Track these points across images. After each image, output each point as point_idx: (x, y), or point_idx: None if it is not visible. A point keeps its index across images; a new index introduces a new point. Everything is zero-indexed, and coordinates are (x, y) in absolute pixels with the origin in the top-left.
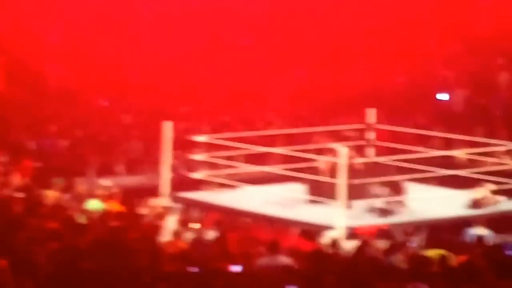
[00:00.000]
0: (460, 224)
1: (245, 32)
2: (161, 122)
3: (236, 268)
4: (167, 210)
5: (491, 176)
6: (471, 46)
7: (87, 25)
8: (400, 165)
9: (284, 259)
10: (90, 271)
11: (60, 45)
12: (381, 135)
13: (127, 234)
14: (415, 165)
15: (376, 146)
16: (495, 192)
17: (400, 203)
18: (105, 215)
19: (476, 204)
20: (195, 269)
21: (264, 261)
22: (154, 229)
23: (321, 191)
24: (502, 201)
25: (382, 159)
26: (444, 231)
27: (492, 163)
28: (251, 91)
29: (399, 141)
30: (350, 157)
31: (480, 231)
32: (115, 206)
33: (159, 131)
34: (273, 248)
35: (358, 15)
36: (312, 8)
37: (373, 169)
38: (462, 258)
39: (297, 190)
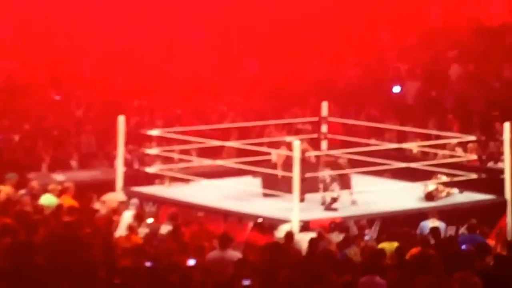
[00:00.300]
0: (414, 216)
1: (198, 26)
2: (114, 116)
3: (191, 262)
4: (121, 205)
5: (443, 168)
6: (424, 39)
7: (37, 19)
8: (353, 157)
9: (234, 253)
10: (44, 266)
11: (10, 39)
12: (334, 128)
13: (81, 229)
14: (368, 158)
15: (329, 139)
16: (447, 184)
17: (352, 195)
18: (58, 210)
19: (429, 196)
20: (150, 263)
21: (214, 254)
22: (109, 223)
23: (275, 184)
24: (454, 193)
25: (335, 152)
26: (397, 224)
27: (444, 156)
28: (204, 85)
29: (352, 134)
30: (304, 150)
31: (433, 223)
32: (69, 201)
33: (112, 125)
34: (225, 242)
35: (311, 8)
36: (264, 1)
37: (326, 162)
38: (416, 250)
39: (251, 184)
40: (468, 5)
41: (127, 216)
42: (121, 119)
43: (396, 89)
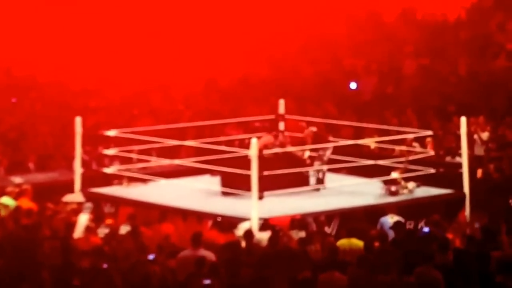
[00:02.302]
0: (374, 212)
1: (153, 24)
2: (71, 117)
3: (150, 257)
4: (79, 206)
5: (401, 164)
6: (379, 35)
7: None
8: (312, 155)
9: (206, 252)
10: (2, 268)
11: None
12: (291, 126)
13: (39, 231)
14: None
15: (286, 137)
16: (406, 179)
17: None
18: (16, 212)
19: (388, 191)
20: (109, 264)
21: (185, 253)
22: (67, 225)
23: (234, 182)
24: (413, 187)
25: (292, 149)
26: (357, 220)
27: (401, 151)
28: (160, 85)
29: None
30: (263, 147)
31: (392, 218)
32: (27, 203)
33: (69, 127)
34: (196, 241)
35: (265, 6)
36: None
37: (284, 160)
38: (376, 246)
39: (210, 183)
40: (423, 0)
41: (85, 217)
42: (78, 120)
43: (353, 85)
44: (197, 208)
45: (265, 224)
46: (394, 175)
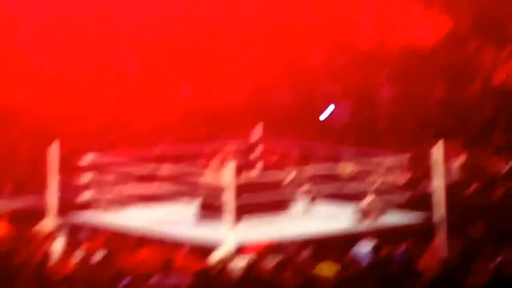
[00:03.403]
0: (349, 238)
1: (131, 49)
2: (47, 142)
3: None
4: (54, 232)
5: (378, 189)
6: (355, 60)
7: None
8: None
9: (178, 278)
10: None
11: None
12: (268, 151)
13: (13, 258)
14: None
15: (263, 162)
16: (380, 204)
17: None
18: None
19: (363, 216)
20: None
21: (157, 279)
22: (42, 252)
23: (210, 208)
24: (387, 212)
25: (269, 175)
26: (333, 246)
27: (379, 176)
28: (137, 109)
29: (286, 156)
30: (237, 173)
31: (368, 244)
32: (2, 230)
33: (45, 152)
34: (168, 266)
35: (242, 32)
36: (197, 25)
37: (261, 185)
38: (351, 272)
39: (187, 208)
40: (399, 26)
41: (60, 244)
42: (54, 146)
43: (329, 110)
44: (173, 233)
45: (241, 251)
46: (366, 200)
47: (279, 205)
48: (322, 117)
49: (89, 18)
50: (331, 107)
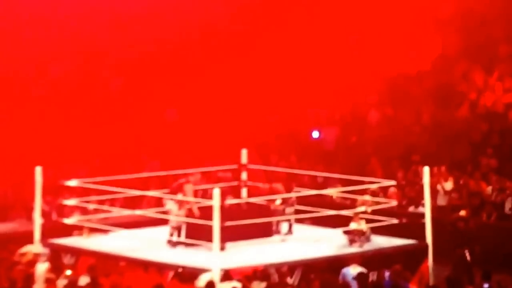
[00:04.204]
0: (336, 262)
1: (116, 73)
2: (31, 167)
3: None
4: (38, 257)
5: (364, 214)
6: (343, 85)
7: None
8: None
9: None
10: None
11: None
12: (254, 175)
13: None
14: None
15: (249, 187)
16: (367, 228)
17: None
18: None
19: (349, 240)
20: None
21: None
22: (25, 276)
23: (196, 233)
24: (375, 237)
25: (254, 200)
26: (320, 270)
27: (364, 201)
28: (123, 134)
29: (272, 180)
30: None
31: (355, 269)
32: None
33: (29, 177)
34: None
35: (227, 58)
36: (183, 49)
37: (247, 210)
38: None
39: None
40: (386, 52)
41: (44, 268)
42: (38, 170)
43: (315, 134)
44: (158, 259)
45: (226, 275)
46: (353, 225)
47: (265, 230)
48: (312, 139)
49: (74, 42)
50: (318, 132)
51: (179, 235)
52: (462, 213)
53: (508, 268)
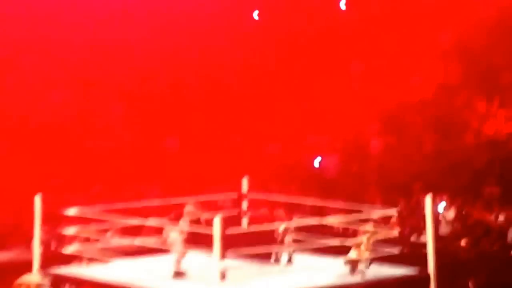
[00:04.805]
0: None
1: (115, 100)
2: (31, 195)
3: None
4: (39, 285)
5: (365, 243)
6: (344, 111)
7: None
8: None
9: None
10: None
11: None
12: (255, 204)
13: None
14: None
15: (250, 215)
16: (369, 257)
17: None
18: None
19: (351, 269)
20: None
21: None
22: None
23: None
24: (377, 265)
25: (256, 228)
26: None
27: (366, 230)
28: (123, 161)
29: (273, 209)
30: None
31: None
32: None
33: (29, 205)
34: None
35: (229, 84)
36: (182, 78)
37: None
38: None
39: (172, 262)
40: (388, 79)
41: None
42: (38, 199)
43: (317, 162)
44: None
45: None
46: (354, 254)
47: (266, 258)
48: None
49: (73, 69)
50: (319, 159)
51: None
52: (463, 242)
53: None
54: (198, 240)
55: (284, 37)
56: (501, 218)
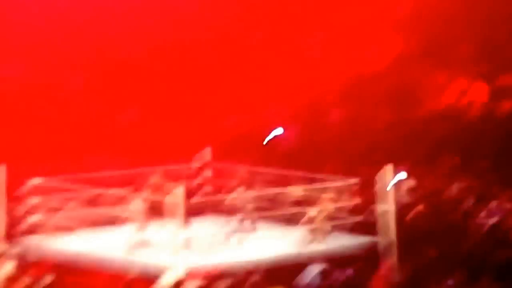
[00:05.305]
0: (297, 261)
1: (76, 70)
2: None
3: None
4: (2, 255)
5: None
6: (303, 83)
7: None
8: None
9: None
10: None
11: None
12: (218, 173)
13: None
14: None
15: (213, 184)
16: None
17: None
18: None
19: (310, 238)
20: None
21: None
22: None
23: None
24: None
25: (219, 197)
26: (281, 270)
27: (327, 199)
28: (82, 133)
29: (235, 178)
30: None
31: (317, 268)
32: None
33: None
34: None
35: (190, 55)
36: (146, 46)
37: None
38: None
39: (133, 232)
40: (347, 50)
41: (7, 267)
42: (1, 169)
43: (278, 132)
44: (122, 258)
45: (192, 274)
46: (316, 222)
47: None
48: (267, 140)
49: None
50: (279, 131)
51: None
52: (420, 207)
53: (469, 265)
54: (162, 210)
55: (244, 8)
56: (458, 187)
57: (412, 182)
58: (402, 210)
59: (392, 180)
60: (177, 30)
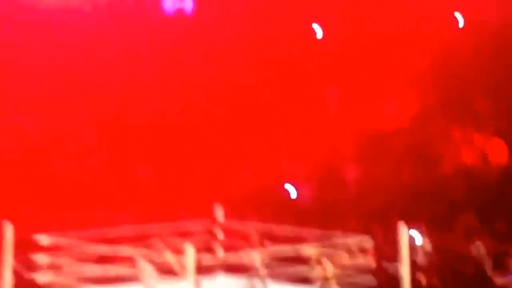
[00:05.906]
0: None
1: (89, 125)
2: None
3: None
4: None
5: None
6: (320, 139)
7: None
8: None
9: None
10: None
11: None
12: (229, 231)
13: None
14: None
15: (223, 243)
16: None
17: None
18: None
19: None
20: None
21: None
22: None
23: None
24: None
25: (231, 256)
26: None
27: (342, 258)
28: (93, 188)
29: (247, 236)
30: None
31: None
32: None
33: None
34: None
35: (202, 112)
36: (158, 104)
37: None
38: None
39: None
40: (364, 106)
41: None
42: (8, 226)
43: (292, 191)
44: None
45: None
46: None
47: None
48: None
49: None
50: (295, 188)
51: None
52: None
53: None
54: (172, 269)
55: (262, 64)
56: (478, 248)
57: (427, 242)
58: (419, 270)
59: (407, 239)
60: (191, 86)
